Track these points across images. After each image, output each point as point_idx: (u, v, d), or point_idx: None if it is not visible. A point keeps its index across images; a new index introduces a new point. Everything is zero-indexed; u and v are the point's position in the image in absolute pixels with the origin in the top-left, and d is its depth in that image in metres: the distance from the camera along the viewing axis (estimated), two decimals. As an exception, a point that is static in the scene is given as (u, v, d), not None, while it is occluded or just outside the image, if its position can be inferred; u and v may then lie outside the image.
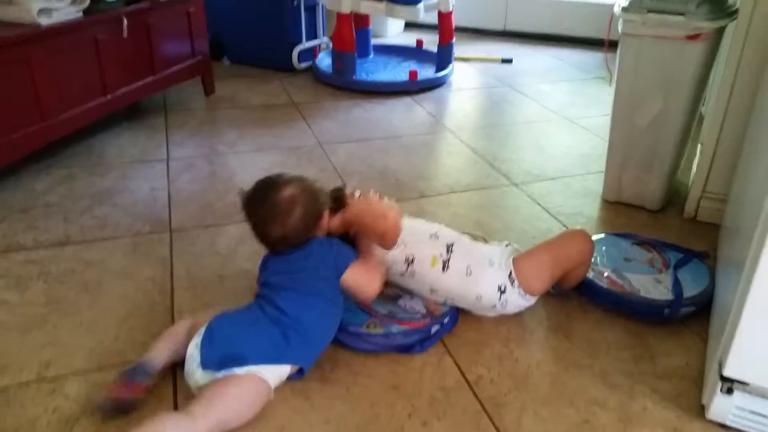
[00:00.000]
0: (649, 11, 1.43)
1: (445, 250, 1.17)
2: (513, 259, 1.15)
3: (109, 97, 1.90)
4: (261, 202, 1.05)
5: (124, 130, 2.08)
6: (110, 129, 2.07)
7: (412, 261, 1.17)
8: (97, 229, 1.49)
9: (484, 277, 1.14)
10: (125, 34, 1.91)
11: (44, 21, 1.65)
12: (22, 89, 1.61)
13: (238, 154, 1.94)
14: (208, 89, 2.45)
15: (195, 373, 0.97)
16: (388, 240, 1.12)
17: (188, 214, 1.57)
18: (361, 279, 1.08)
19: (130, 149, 1.95)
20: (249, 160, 1.90)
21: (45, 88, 1.66)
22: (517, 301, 1.15)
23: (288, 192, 1.05)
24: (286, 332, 1.00)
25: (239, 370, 0.95)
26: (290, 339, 1.00)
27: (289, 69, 2.78)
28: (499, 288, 1.13)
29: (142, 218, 1.55)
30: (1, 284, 1.28)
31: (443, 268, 1.15)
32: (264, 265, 1.11)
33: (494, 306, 1.15)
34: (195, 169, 1.82)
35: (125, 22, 1.90)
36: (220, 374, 0.95)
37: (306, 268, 1.06)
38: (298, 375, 1.03)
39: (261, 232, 1.07)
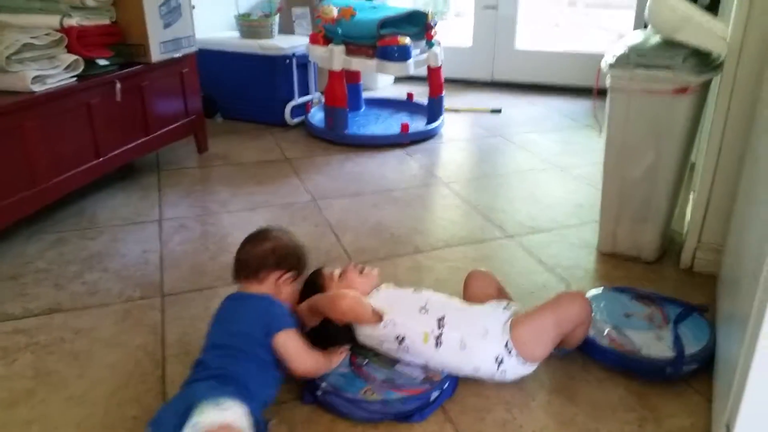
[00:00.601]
0: (636, 66, 1.46)
1: (436, 325, 1.13)
2: (512, 324, 1.13)
3: (101, 159, 1.90)
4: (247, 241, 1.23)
5: (117, 191, 2.08)
6: (103, 190, 2.07)
7: (403, 339, 1.14)
8: (87, 296, 1.47)
9: (479, 349, 1.11)
10: (118, 97, 1.93)
11: (38, 88, 1.66)
12: (14, 156, 1.61)
13: (232, 213, 1.93)
14: (201, 147, 2.46)
15: None
16: (352, 319, 1.17)
17: (181, 277, 1.55)
18: (291, 349, 1.07)
19: (122, 210, 1.94)
20: (242, 219, 1.89)
21: (37, 153, 1.66)
22: (516, 369, 1.12)
23: (273, 233, 1.23)
24: (218, 378, 1.00)
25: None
26: (224, 381, 0.99)
27: (282, 124, 2.81)
28: (497, 359, 1.11)
29: (133, 283, 1.52)
30: (-12, 357, 1.25)
31: (436, 345, 1.12)
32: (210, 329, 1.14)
33: (492, 376, 1.13)
34: (187, 230, 1.81)
35: (118, 86, 1.92)
36: None
37: (242, 320, 1.09)
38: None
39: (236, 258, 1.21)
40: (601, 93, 1.61)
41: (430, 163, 2.41)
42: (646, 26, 1.65)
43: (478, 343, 1.11)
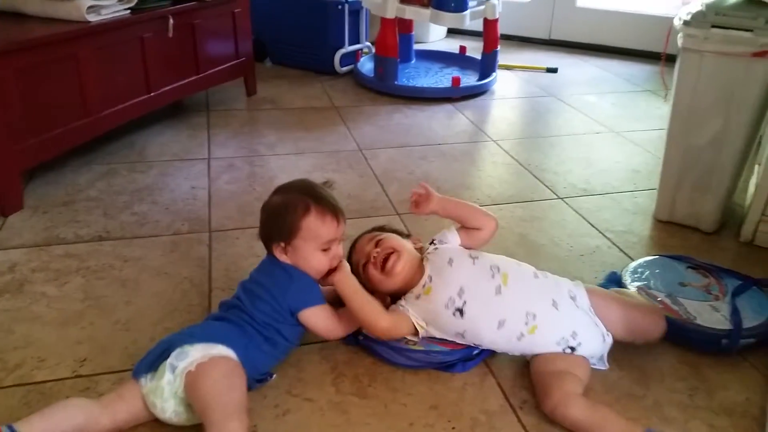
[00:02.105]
0: (713, 26, 1.36)
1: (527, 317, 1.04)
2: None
3: (152, 94, 1.90)
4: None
5: (167, 128, 2.09)
6: (152, 126, 2.08)
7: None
8: (136, 226, 1.48)
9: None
10: (170, 33, 1.92)
11: (93, 18, 1.65)
12: (68, 84, 1.62)
13: (279, 156, 1.92)
14: (251, 90, 2.45)
15: (147, 389, 0.92)
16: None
17: (227, 215, 1.56)
18: (320, 326, 1.04)
19: (171, 146, 1.95)
20: (289, 163, 1.88)
21: (90, 84, 1.67)
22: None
23: (273, 196, 1.10)
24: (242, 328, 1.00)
25: (181, 360, 0.90)
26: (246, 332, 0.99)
27: (331, 72, 2.76)
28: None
29: (181, 217, 1.54)
30: (41, 277, 1.28)
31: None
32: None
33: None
34: (235, 170, 1.81)
35: (171, 21, 1.90)
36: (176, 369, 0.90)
37: (270, 289, 1.04)
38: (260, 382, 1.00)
39: None
40: (670, 59, 1.53)
41: (480, 120, 2.35)
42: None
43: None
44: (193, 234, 1.46)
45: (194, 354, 0.91)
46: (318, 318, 1.04)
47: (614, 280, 1.29)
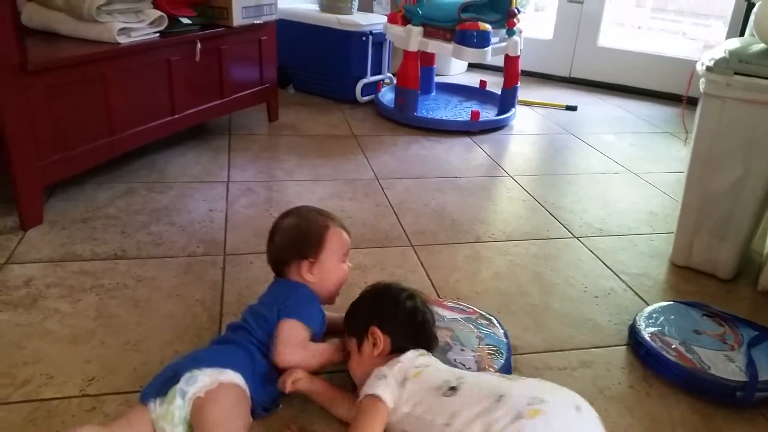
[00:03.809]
0: (736, 73, 1.37)
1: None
2: None
3: (176, 116, 1.94)
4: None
5: (188, 150, 2.12)
6: (174, 147, 2.11)
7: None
8: (152, 246, 1.50)
9: None
10: (198, 57, 1.96)
11: (123, 40, 1.70)
12: (95, 104, 1.66)
13: (297, 182, 1.94)
14: (272, 115, 2.48)
15: (156, 413, 0.91)
16: None
17: (243, 239, 1.57)
18: (287, 337, 1.00)
19: (192, 168, 1.97)
20: (306, 190, 1.89)
21: (116, 103, 1.71)
22: None
23: (286, 219, 1.15)
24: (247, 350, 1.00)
25: (191, 386, 0.89)
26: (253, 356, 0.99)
27: (352, 101, 2.80)
28: None
29: (197, 239, 1.55)
30: (56, 293, 1.29)
31: None
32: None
33: None
34: (253, 194, 1.83)
35: (199, 46, 1.95)
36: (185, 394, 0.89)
37: (275, 297, 1.07)
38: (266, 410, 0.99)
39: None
40: (691, 102, 1.53)
41: (497, 154, 2.36)
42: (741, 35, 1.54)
43: None
44: (207, 256, 1.47)
45: (204, 379, 0.91)
46: (293, 332, 1.01)
47: None
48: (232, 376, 0.93)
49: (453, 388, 0.89)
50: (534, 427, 0.79)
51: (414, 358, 0.97)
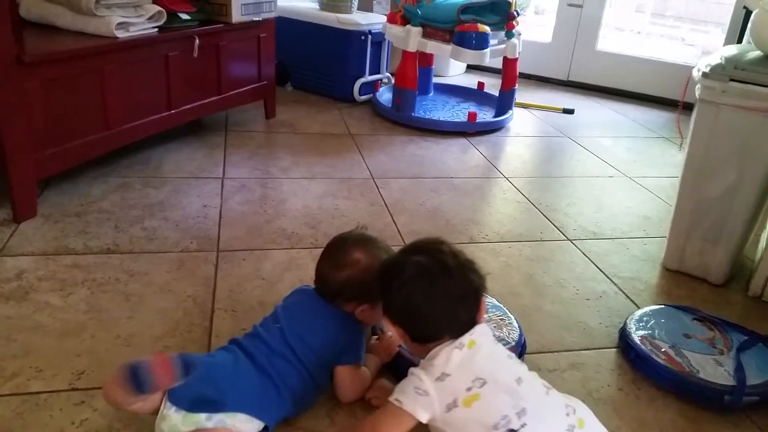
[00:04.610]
0: (732, 79, 1.37)
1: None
2: None
3: (172, 111, 1.94)
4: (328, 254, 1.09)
5: (184, 146, 2.11)
6: (170, 143, 2.11)
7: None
8: (145, 241, 1.50)
9: None
10: (196, 53, 1.96)
11: (121, 34, 1.69)
12: (92, 98, 1.65)
13: (292, 180, 1.94)
14: (270, 113, 2.48)
15: (171, 417, 0.89)
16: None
17: (236, 235, 1.57)
18: (347, 383, 1.04)
19: (187, 164, 1.97)
20: (301, 187, 1.89)
21: (113, 98, 1.70)
22: None
23: (353, 256, 1.05)
24: (275, 384, 0.95)
25: (209, 421, 0.88)
26: (279, 392, 0.95)
27: (349, 100, 2.80)
28: None
29: (190, 234, 1.55)
30: (47, 286, 1.29)
31: None
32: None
33: None
34: (248, 191, 1.83)
35: (197, 42, 1.95)
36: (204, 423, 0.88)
37: (313, 333, 1.02)
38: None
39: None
40: (687, 107, 1.53)
41: (493, 156, 2.36)
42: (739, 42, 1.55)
43: None
44: (200, 252, 1.47)
45: (228, 422, 0.89)
46: (354, 378, 1.04)
47: None
48: (255, 425, 0.92)
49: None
50: None
51: (461, 371, 0.84)
